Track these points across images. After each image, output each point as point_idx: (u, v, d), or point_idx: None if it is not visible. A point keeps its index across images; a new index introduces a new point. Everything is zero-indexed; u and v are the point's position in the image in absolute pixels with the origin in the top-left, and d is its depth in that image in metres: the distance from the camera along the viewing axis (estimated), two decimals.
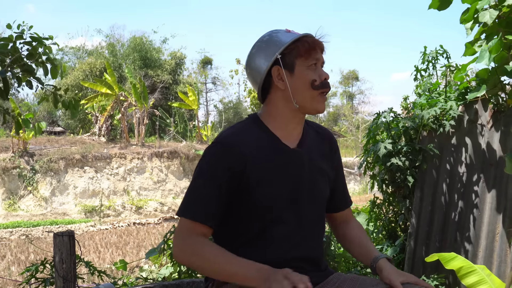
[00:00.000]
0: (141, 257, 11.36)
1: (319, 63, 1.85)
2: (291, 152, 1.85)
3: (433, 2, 3.91)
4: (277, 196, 1.80)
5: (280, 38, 1.85)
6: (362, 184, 31.80)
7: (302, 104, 1.83)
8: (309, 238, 1.90)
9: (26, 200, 23.57)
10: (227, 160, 1.76)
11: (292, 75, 1.82)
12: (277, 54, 1.81)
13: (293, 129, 1.89)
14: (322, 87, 1.82)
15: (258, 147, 1.81)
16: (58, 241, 3.06)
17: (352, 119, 55.90)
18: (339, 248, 4.80)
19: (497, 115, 4.04)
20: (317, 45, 1.84)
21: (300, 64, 1.82)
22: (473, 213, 4.11)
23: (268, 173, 1.79)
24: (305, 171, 1.86)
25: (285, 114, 1.86)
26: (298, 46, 1.81)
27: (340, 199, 2.08)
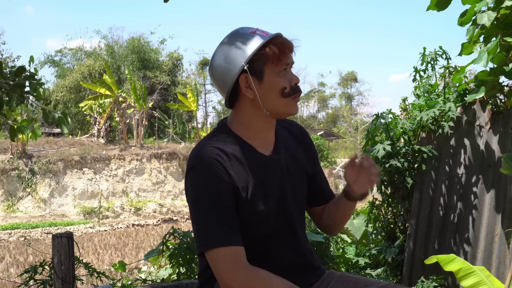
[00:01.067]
0: (140, 259, 11.35)
1: (288, 67, 1.74)
2: (269, 160, 1.80)
3: (432, 3, 3.91)
4: (266, 209, 1.76)
5: (246, 43, 1.71)
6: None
7: (273, 111, 1.75)
8: (302, 241, 1.90)
9: (24, 201, 23.55)
10: (214, 176, 1.68)
11: (261, 83, 1.71)
12: (244, 64, 1.69)
13: (266, 136, 1.82)
14: (293, 93, 1.74)
15: (236, 161, 1.73)
16: (56, 242, 3.05)
17: (351, 121, 55.96)
18: (338, 250, 4.81)
19: (496, 116, 4.04)
20: (287, 48, 1.72)
21: (269, 71, 1.71)
22: (472, 214, 4.11)
23: (251, 186, 1.73)
24: (285, 177, 1.82)
25: (256, 121, 1.78)
26: (266, 52, 1.69)
27: (328, 191, 2.05)
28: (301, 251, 1.88)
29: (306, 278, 1.87)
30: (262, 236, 1.78)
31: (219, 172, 1.68)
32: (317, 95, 65.21)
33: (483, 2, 3.49)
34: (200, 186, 1.69)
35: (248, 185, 1.73)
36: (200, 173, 1.69)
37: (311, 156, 1.98)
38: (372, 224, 4.95)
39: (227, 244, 1.62)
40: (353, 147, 47.66)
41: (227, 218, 1.66)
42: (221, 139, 1.77)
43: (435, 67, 4.71)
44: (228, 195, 1.68)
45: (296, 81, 1.74)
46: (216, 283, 1.83)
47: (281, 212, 1.79)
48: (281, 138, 1.89)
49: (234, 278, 1.61)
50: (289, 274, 1.80)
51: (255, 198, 1.74)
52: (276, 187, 1.79)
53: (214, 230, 1.64)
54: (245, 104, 1.77)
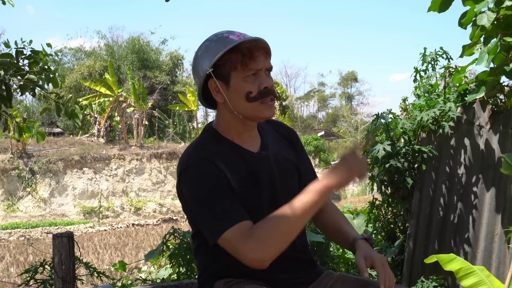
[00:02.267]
0: (140, 258, 11.36)
1: (260, 71, 1.73)
2: (257, 157, 1.81)
3: (433, 4, 3.91)
4: (258, 204, 1.78)
5: (215, 48, 1.72)
6: (361, 185, 31.81)
7: (244, 114, 1.75)
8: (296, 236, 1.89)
9: (25, 201, 23.57)
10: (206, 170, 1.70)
11: (228, 87, 1.73)
12: (208, 69, 1.71)
13: (249, 136, 1.84)
14: (260, 98, 1.72)
15: (225, 159, 1.75)
16: (57, 242, 3.06)
17: (351, 120, 55.99)
18: (337, 250, 4.81)
19: (496, 116, 4.05)
20: (256, 53, 1.71)
21: (235, 76, 1.71)
22: (472, 214, 4.12)
23: (242, 184, 1.75)
24: (274, 173, 1.83)
25: (235, 124, 1.80)
26: (232, 57, 1.69)
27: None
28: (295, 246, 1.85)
29: (302, 273, 1.88)
30: None
31: (211, 169, 1.70)
32: (317, 94, 65.23)
33: (483, 3, 3.49)
34: (194, 184, 1.70)
35: (238, 182, 1.74)
36: (193, 172, 1.71)
37: (299, 151, 2.00)
38: (372, 224, 4.95)
39: (231, 225, 1.63)
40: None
41: (225, 199, 1.67)
42: (208, 141, 1.80)
43: (436, 67, 4.71)
44: (223, 185, 1.69)
45: (266, 85, 1.73)
46: (215, 282, 1.84)
47: (272, 207, 1.78)
48: (267, 136, 1.91)
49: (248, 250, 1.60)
50: (284, 270, 1.81)
51: (247, 194, 1.75)
52: (266, 182, 1.80)
53: (217, 218, 1.65)
54: (222, 107, 1.81)
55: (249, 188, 1.77)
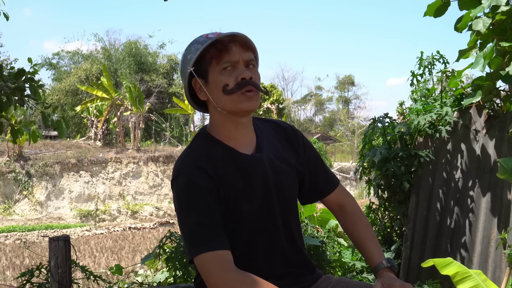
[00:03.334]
0: (136, 262, 11.34)
1: (238, 64, 1.71)
2: (251, 159, 1.79)
3: (429, 9, 3.92)
4: (250, 209, 1.77)
5: (191, 48, 1.75)
6: (358, 189, 31.82)
7: (226, 109, 1.74)
8: (291, 241, 1.88)
9: (21, 204, 23.50)
10: (198, 183, 1.69)
11: (208, 83, 1.74)
12: (189, 68, 1.73)
13: (242, 136, 1.82)
14: (237, 89, 1.70)
15: (218, 164, 1.74)
16: (53, 245, 3.05)
17: (348, 124, 56.03)
18: (334, 254, 4.81)
19: (492, 121, 4.06)
20: (231, 45, 1.71)
21: (212, 71, 1.72)
22: (469, 218, 4.12)
23: (235, 188, 1.74)
24: (268, 175, 1.80)
25: (225, 123, 1.79)
26: (208, 52, 1.71)
27: (323, 183, 2.00)
28: (290, 251, 1.86)
29: (297, 279, 1.87)
30: (249, 237, 1.78)
31: (202, 180, 1.69)
32: (314, 98, 65.30)
33: (479, 8, 3.50)
34: (183, 194, 1.70)
35: (232, 187, 1.74)
36: (183, 182, 1.71)
37: (300, 151, 1.95)
38: None
39: (212, 249, 1.63)
40: (350, 150, 47.71)
41: (211, 223, 1.66)
42: (201, 146, 1.80)
43: (432, 72, 4.72)
44: (212, 202, 1.69)
45: (243, 76, 1.71)
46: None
47: (265, 209, 1.79)
48: (263, 137, 1.88)
49: (222, 281, 1.61)
50: (281, 275, 1.80)
51: (240, 198, 1.75)
52: (260, 185, 1.78)
53: (199, 237, 1.65)
54: (210, 107, 1.81)
55: (242, 192, 1.76)
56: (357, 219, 2.00)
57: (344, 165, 36.28)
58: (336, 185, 2.03)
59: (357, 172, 4.79)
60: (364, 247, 1.94)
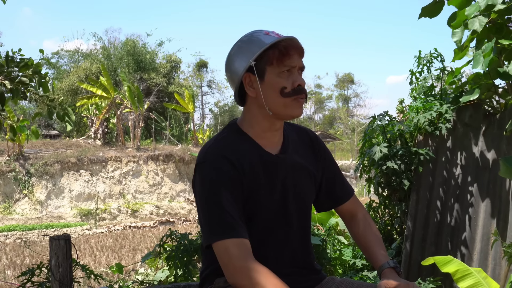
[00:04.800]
0: (137, 261, 11.35)
1: (294, 69, 1.78)
2: (275, 159, 1.84)
3: (423, 12, 3.91)
4: (267, 206, 1.81)
5: (255, 43, 1.79)
6: (358, 187, 31.82)
7: (275, 111, 1.79)
8: (302, 243, 1.92)
9: (21, 203, 23.50)
10: (222, 171, 1.73)
11: (263, 82, 1.77)
12: (251, 61, 1.76)
13: (272, 136, 1.86)
14: (294, 94, 1.77)
15: (243, 157, 1.78)
16: (54, 244, 3.05)
17: (348, 122, 55.99)
18: (334, 252, 4.81)
19: (491, 118, 4.06)
20: (292, 51, 1.77)
21: (270, 71, 1.77)
22: (468, 215, 4.13)
23: (256, 183, 1.78)
24: (289, 177, 1.85)
25: (262, 121, 1.83)
26: (269, 53, 1.76)
27: (339, 191, 2.06)
28: (300, 251, 1.90)
29: (302, 279, 1.89)
30: (261, 232, 1.81)
31: (227, 167, 1.73)
32: (314, 96, 65.24)
33: (474, 7, 3.48)
34: (208, 181, 1.74)
35: (255, 180, 1.78)
36: (209, 168, 1.75)
37: (320, 160, 2.01)
38: None
39: (235, 236, 1.67)
40: (349, 149, 47.70)
41: (235, 212, 1.70)
42: (230, 137, 1.84)
43: (431, 69, 4.73)
44: (235, 189, 1.73)
45: (299, 82, 1.78)
46: (216, 279, 1.85)
47: (282, 208, 1.83)
48: (289, 140, 1.93)
49: (240, 269, 1.64)
50: (285, 274, 1.82)
51: (260, 194, 1.79)
52: (279, 185, 1.83)
53: (222, 222, 1.69)
54: (251, 103, 1.84)
55: (264, 187, 1.80)
56: (368, 228, 2.05)
57: (344, 163, 36.27)
58: (351, 195, 2.09)
59: (357, 170, 4.80)
60: (369, 249, 1.98)
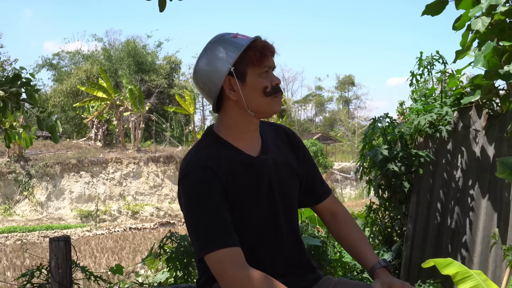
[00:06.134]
0: (137, 262, 11.34)
1: (271, 69, 1.82)
2: (256, 161, 1.83)
3: (427, 9, 3.93)
4: (255, 209, 1.80)
5: (229, 47, 1.78)
6: (358, 189, 31.83)
7: (257, 110, 1.81)
8: (294, 241, 1.92)
9: (21, 205, 23.50)
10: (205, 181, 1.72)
11: (244, 84, 1.77)
12: (230, 67, 1.76)
13: (250, 138, 1.87)
14: (274, 93, 1.80)
15: (224, 164, 1.77)
16: (54, 246, 3.05)
17: (348, 124, 56.01)
18: (335, 254, 4.81)
19: (492, 120, 4.06)
20: (268, 51, 1.79)
21: (252, 72, 1.77)
22: (469, 218, 4.12)
23: (241, 188, 1.78)
24: (273, 177, 1.85)
25: (240, 123, 1.84)
26: (249, 54, 1.76)
27: (319, 188, 2.06)
28: (293, 251, 1.90)
29: (300, 279, 1.89)
30: (253, 237, 1.80)
31: (210, 178, 1.72)
32: (315, 99, 65.29)
33: (477, 8, 3.51)
34: (193, 193, 1.73)
35: (239, 186, 1.77)
36: (192, 181, 1.73)
37: (300, 157, 2.01)
38: (369, 228, 4.96)
39: (225, 246, 1.66)
40: (350, 150, 47.70)
41: (222, 221, 1.69)
42: (209, 145, 1.83)
43: (432, 72, 4.72)
44: (221, 199, 1.72)
45: (277, 81, 1.82)
46: (213, 284, 1.84)
47: (271, 210, 1.83)
48: (268, 139, 1.93)
49: (235, 278, 1.64)
50: (282, 275, 1.82)
51: (247, 198, 1.78)
52: (265, 186, 1.83)
53: (211, 234, 1.68)
54: (229, 106, 1.83)
55: (250, 192, 1.79)
56: (350, 225, 2.05)
57: (344, 165, 36.28)
58: (330, 193, 2.10)
59: (358, 172, 4.79)
60: (357, 250, 1.97)
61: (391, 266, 1.93)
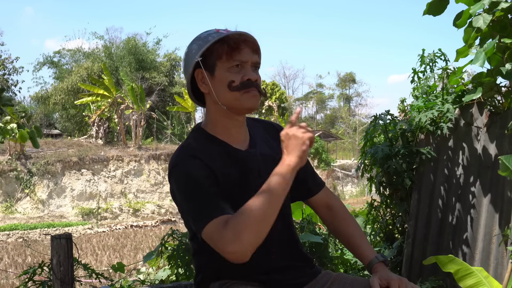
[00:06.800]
0: (138, 260, 11.35)
1: (246, 64, 1.78)
2: (245, 154, 1.83)
3: (428, 8, 3.91)
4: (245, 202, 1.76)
5: (204, 40, 1.79)
6: (359, 186, 31.82)
7: (228, 105, 1.79)
8: (288, 232, 1.91)
9: (23, 202, 23.53)
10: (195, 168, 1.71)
11: (213, 77, 1.78)
12: (197, 57, 1.76)
13: (237, 133, 1.86)
14: (242, 88, 1.76)
15: (213, 158, 1.76)
16: (55, 243, 3.06)
17: (349, 122, 55.98)
18: (336, 251, 4.81)
19: (493, 118, 4.05)
20: (242, 45, 1.77)
21: (220, 66, 1.77)
22: (470, 215, 4.12)
23: (230, 182, 1.77)
24: (262, 171, 1.83)
25: (221, 118, 1.83)
26: (217, 47, 1.75)
27: (311, 182, 2.05)
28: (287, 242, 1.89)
29: (298, 274, 1.88)
30: None
31: (199, 167, 1.72)
32: (316, 96, 65.29)
33: (479, 5, 3.49)
34: (183, 183, 1.73)
35: (228, 178, 1.77)
36: (182, 169, 1.73)
37: None
38: (370, 225, 4.96)
39: (212, 218, 1.64)
40: (351, 148, 47.70)
41: (212, 199, 1.68)
42: (197, 140, 1.83)
43: (434, 69, 4.72)
44: (211, 185, 1.71)
45: (248, 76, 1.77)
46: (210, 284, 1.84)
47: None
48: (256, 135, 1.93)
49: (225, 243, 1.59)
50: (280, 270, 1.81)
51: (236, 190, 1.77)
52: (254, 180, 1.81)
53: (200, 213, 1.67)
54: (208, 100, 1.85)
55: (238, 184, 1.79)
56: (347, 218, 2.04)
57: (345, 162, 36.29)
58: (323, 185, 2.08)
59: (359, 170, 4.79)
60: (355, 244, 1.97)
61: (388, 261, 1.93)
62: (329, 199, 2.07)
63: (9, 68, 41.63)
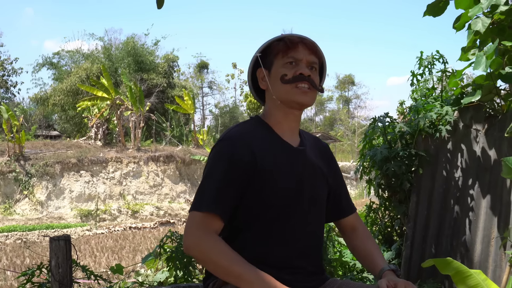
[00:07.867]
0: (137, 262, 11.34)
1: (300, 62, 1.88)
2: (295, 150, 1.90)
3: (428, 9, 3.93)
4: (283, 193, 1.83)
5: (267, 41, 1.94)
6: (358, 188, 31.80)
7: (281, 98, 1.88)
8: (311, 236, 1.93)
9: (21, 204, 23.49)
10: (236, 153, 1.77)
11: (270, 73, 1.91)
12: (257, 54, 1.91)
13: (289, 129, 1.93)
14: (294, 81, 1.85)
15: (264, 144, 1.84)
16: (54, 245, 3.06)
17: (348, 124, 55.99)
18: (335, 253, 4.81)
19: (492, 120, 4.06)
20: (298, 44, 1.88)
21: (277, 62, 1.89)
22: (469, 217, 4.12)
23: (274, 170, 1.82)
24: (307, 170, 1.90)
25: (276, 111, 1.92)
26: (276, 45, 1.90)
27: (345, 204, 2.11)
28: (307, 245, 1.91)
29: (307, 278, 1.89)
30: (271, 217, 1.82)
31: (242, 150, 1.79)
32: None
33: (478, 8, 3.49)
34: (217, 158, 1.81)
35: (274, 162, 1.83)
36: (224, 147, 1.82)
37: (332, 168, 2.07)
38: (369, 227, 4.96)
39: (201, 210, 1.72)
40: (350, 150, 47.68)
41: (226, 196, 1.75)
42: (252, 125, 1.92)
43: (432, 71, 4.72)
44: (239, 175, 1.77)
45: (301, 71, 1.86)
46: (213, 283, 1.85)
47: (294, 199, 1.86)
48: (306, 139, 2.01)
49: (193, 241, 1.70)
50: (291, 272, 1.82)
51: (275, 180, 1.82)
52: (296, 175, 1.87)
53: (209, 198, 1.74)
54: (267, 96, 1.96)
55: (282, 170, 1.84)
56: (369, 240, 2.09)
57: (344, 164, 36.26)
58: (355, 210, 2.15)
59: (358, 172, 4.79)
60: (370, 258, 2.01)
61: (400, 271, 1.97)
62: (357, 224, 2.14)
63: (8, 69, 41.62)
